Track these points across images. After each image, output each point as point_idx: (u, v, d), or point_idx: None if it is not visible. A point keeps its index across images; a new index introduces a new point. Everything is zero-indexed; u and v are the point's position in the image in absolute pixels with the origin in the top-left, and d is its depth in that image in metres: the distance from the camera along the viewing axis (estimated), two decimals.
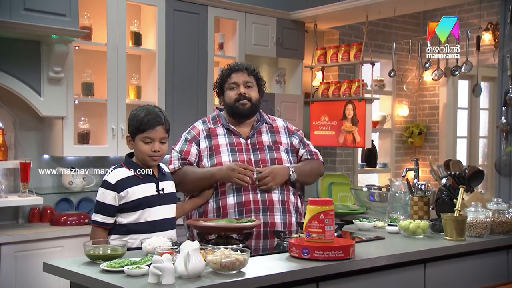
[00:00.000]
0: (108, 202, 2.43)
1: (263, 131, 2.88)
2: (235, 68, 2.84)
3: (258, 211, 2.67)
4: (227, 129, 2.83)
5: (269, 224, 2.68)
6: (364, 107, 4.80)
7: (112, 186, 2.44)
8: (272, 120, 2.96)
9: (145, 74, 4.33)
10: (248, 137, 2.83)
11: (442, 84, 6.17)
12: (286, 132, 2.93)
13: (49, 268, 2.16)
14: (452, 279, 2.61)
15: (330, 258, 2.13)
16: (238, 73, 2.82)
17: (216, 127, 2.84)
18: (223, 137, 2.81)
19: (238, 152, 2.77)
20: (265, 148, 2.81)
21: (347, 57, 4.95)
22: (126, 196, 2.43)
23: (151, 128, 2.47)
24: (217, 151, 2.77)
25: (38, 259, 3.27)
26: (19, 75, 3.57)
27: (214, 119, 2.89)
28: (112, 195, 2.43)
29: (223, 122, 2.85)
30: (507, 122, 3.96)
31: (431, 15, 6.22)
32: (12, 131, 3.84)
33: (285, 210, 2.73)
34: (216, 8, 4.52)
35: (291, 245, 2.20)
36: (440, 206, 3.02)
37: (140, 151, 2.48)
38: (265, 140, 2.84)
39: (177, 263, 1.88)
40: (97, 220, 2.45)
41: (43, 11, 3.52)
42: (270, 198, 2.71)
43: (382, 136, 6.35)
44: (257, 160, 2.77)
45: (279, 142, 2.86)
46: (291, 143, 2.90)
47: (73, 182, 3.92)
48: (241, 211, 2.67)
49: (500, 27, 4.08)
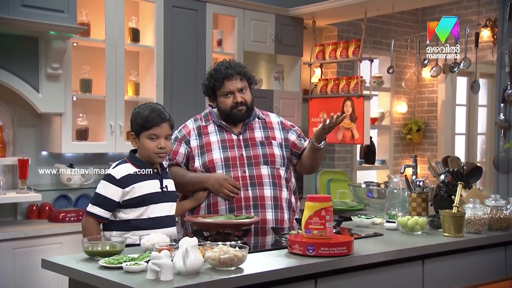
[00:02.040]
0: (109, 196, 2.41)
1: (256, 126, 2.85)
2: (228, 75, 2.74)
3: (249, 208, 2.66)
4: (218, 126, 2.81)
5: (260, 221, 2.66)
6: (362, 103, 4.79)
7: (116, 181, 2.42)
8: (265, 115, 2.93)
9: (144, 71, 4.33)
10: (240, 133, 2.81)
11: (440, 81, 6.17)
12: (281, 128, 2.89)
13: (47, 264, 2.16)
14: (450, 275, 2.62)
15: (335, 255, 2.14)
16: (231, 81, 2.75)
17: (208, 125, 2.82)
18: (215, 135, 2.79)
19: (230, 148, 2.75)
20: (257, 144, 2.79)
21: (345, 53, 4.95)
22: (131, 192, 2.42)
23: (157, 125, 2.47)
24: (208, 149, 2.75)
25: (36, 255, 3.27)
26: (17, 71, 3.56)
27: (206, 116, 2.87)
28: (115, 189, 2.41)
29: (214, 119, 2.83)
30: (506, 119, 3.96)
31: (429, 12, 6.23)
32: (10, 127, 3.84)
33: (277, 207, 2.72)
34: (215, 4, 4.51)
35: (293, 242, 2.19)
36: (438, 203, 3.02)
37: (146, 149, 2.48)
38: (258, 135, 2.82)
39: (176, 259, 1.88)
40: (93, 212, 2.43)
41: (41, 7, 3.51)
42: (262, 194, 2.70)
43: (381, 132, 6.36)
44: (249, 155, 2.75)
45: (272, 137, 2.83)
46: (286, 139, 2.87)
47: (71, 179, 3.92)
48: (232, 208, 2.67)
49: (499, 24, 4.08)
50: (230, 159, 2.72)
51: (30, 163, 3.67)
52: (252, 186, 2.70)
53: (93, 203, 2.45)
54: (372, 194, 4.12)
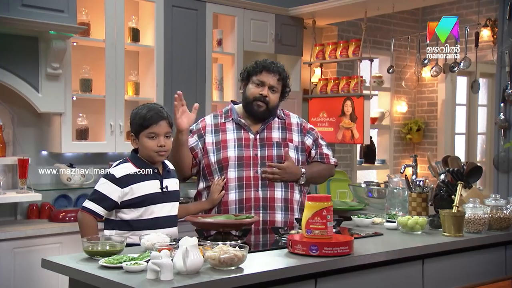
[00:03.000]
0: (107, 194, 2.41)
1: (274, 126, 2.85)
2: (270, 68, 2.78)
3: (258, 208, 2.67)
4: (237, 124, 2.81)
5: (268, 222, 2.67)
6: (362, 103, 4.79)
7: (116, 180, 2.42)
8: (286, 115, 2.92)
9: (144, 71, 4.33)
10: (257, 132, 2.81)
11: (440, 81, 6.17)
12: (300, 130, 2.89)
13: (47, 264, 2.15)
14: (450, 275, 2.62)
15: (338, 254, 2.14)
16: (269, 74, 2.78)
17: (227, 122, 2.83)
18: (232, 132, 2.79)
19: (245, 147, 2.75)
20: (273, 145, 2.79)
21: (345, 53, 4.95)
22: (129, 192, 2.42)
23: (155, 123, 2.47)
24: (224, 146, 2.76)
25: (36, 255, 3.27)
26: (17, 71, 3.56)
27: (226, 113, 2.87)
28: (114, 188, 2.41)
29: (234, 116, 2.83)
30: (506, 119, 3.96)
31: (430, 11, 6.23)
32: (10, 127, 3.84)
33: (287, 209, 2.72)
34: (215, 4, 4.51)
35: (295, 242, 2.18)
36: (438, 202, 3.02)
37: (146, 148, 2.47)
38: (275, 136, 2.82)
39: (176, 259, 1.88)
40: (89, 208, 2.41)
41: (41, 7, 3.51)
42: (272, 196, 2.70)
43: (381, 132, 6.36)
44: (264, 156, 2.75)
45: (289, 139, 2.83)
46: (302, 142, 2.86)
47: (71, 179, 3.92)
48: (241, 208, 2.67)
49: (499, 24, 4.07)
50: (244, 158, 2.73)
51: (30, 163, 3.67)
52: (263, 187, 2.70)
53: (90, 199, 2.44)
54: (372, 194, 4.12)
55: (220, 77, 4.67)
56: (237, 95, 4.68)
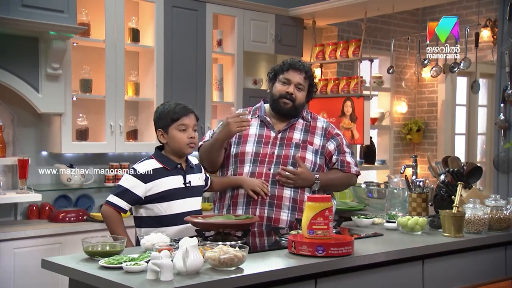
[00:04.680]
0: (130, 189, 2.46)
1: (298, 127, 2.87)
2: (296, 66, 2.84)
3: (264, 205, 2.69)
4: (261, 121, 2.86)
5: (273, 219, 2.68)
6: (362, 104, 4.80)
7: (140, 175, 2.48)
8: (313, 119, 2.94)
9: (144, 71, 4.33)
10: (279, 131, 2.84)
11: (440, 81, 6.17)
12: (323, 134, 2.88)
13: (47, 264, 2.16)
14: (450, 275, 2.62)
15: (343, 254, 2.15)
16: (296, 72, 2.83)
17: (253, 118, 2.87)
18: (255, 128, 2.84)
19: (264, 144, 2.79)
20: (292, 145, 2.80)
21: (345, 54, 4.95)
22: (153, 188, 2.48)
23: (185, 115, 2.55)
24: (244, 140, 2.81)
25: (36, 255, 3.27)
26: (17, 71, 3.56)
27: (255, 110, 2.93)
28: (137, 183, 2.47)
29: (260, 113, 2.88)
30: (505, 119, 3.96)
31: (429, 12, 6.23)
32: (10, 128, 3.84)
33: (295, 209, 2.72)
34: (215, 4, 4.51)
35: (300, 243, 2.16)
36: (438, 203, 3.02)
37: (177, 141, 2.54)
38: (296, 137, 2.83)
39: (176, 259, 1.88)
40: (112, 202, 2.48)
41: (41, 7, 3.51)
42: (280, 194, 2.71)
43: (381, 133, 6.36)
44: (280, 155, 2.77)
45: (309, 141, 2.84)
46: (323, 146, 2.86)
47: (71, 179, 3.92)
48: (249, 202, 2.71)
49: (499, 24, 4.07)
50: (260, 155, 2.77)
51: (30, 163, 3.67)
52: (272, 184, 2.72)
53: (114, 193, 2.50)
54: (372, 194, 4.12)
55: (220, 77, 4.67)
56: (237, 95, 4.69)
